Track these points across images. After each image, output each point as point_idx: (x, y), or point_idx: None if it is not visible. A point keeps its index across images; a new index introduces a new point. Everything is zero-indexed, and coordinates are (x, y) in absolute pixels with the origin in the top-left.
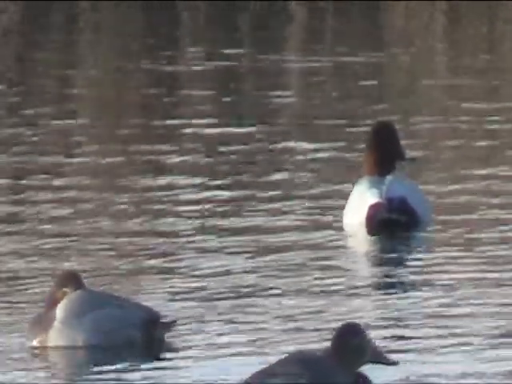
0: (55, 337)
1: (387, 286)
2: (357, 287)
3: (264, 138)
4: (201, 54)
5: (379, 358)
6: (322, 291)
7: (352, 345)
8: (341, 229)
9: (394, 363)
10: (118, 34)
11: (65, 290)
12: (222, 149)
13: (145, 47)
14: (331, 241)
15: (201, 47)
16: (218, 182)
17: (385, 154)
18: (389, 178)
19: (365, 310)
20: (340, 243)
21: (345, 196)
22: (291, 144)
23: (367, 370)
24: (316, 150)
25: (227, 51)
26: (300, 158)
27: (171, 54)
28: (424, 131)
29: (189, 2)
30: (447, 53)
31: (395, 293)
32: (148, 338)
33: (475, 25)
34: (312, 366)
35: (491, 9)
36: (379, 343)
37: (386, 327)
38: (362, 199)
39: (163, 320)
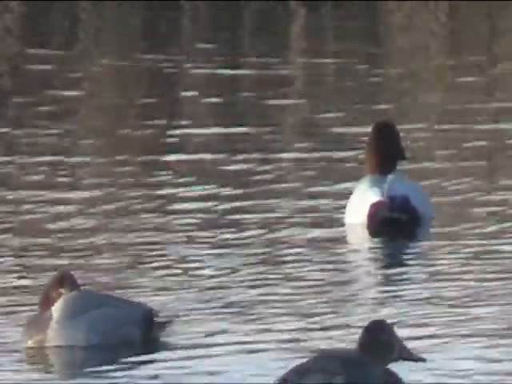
0: (53, 337)
1: (390, 285)
2: (359, 286)
3: (266, 139)
4: (202, 56)
5: (406, 355)
6: (323, 291)
7: (381, 341)
8: (342, 228)
9: (422, 360)
10: (120, 33)
11: (60, 290)
12: (223, 151)
13: (146, 48)
14: (333, 240)
15: (202, 48)
16: (220, 182)
17: (386, 152)
18: (390, 176)
19: (368, 311)
20: (341, 242)
21: (346, 196)
22: (292, 145)
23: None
24: (318, 151)
25: (228, 53)
26: (301, 158)
27: (173, 56)
28: (424, 132)
29: (192, 2)
30: (448, 53)
31: (398, 291)
32: (146, 336)
33: (475, 24)
34: (349, 364)
35: (491, 8)
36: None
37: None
38: (363, 198)
39: (159, 319)
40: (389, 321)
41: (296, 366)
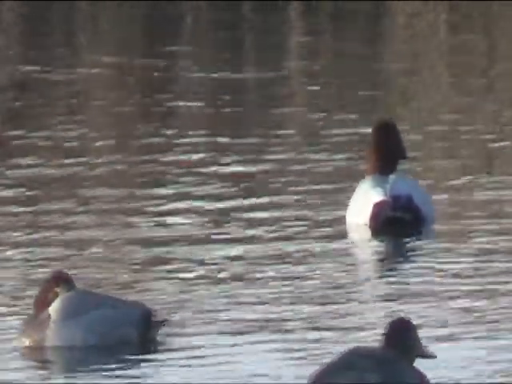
0: (51, 337)
1: (395, 285)
2: (364, 286)
3: (266, 145)
4: (202, 58)
5: (422, 352)
6: (328, 292)
7: (407, 340)
8: (345, 228)
9: (433, 356)
10: (119, 34)
11: (57, 290)
12: (223, 157)
13: (146, 50)
14: (336, 241)
15: (201, 50)
16: (221, 190)
17: (387, 152)
18: (392, 176)
19: (372, 312)
20: (345, 243)
21: (348, 197)
22: (294, 149)
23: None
24: (318, 154)
25: (229, 56)
26: (302, 160)
27: (172, 58)
28: (424, 135)
29: (192, 2)
30: (448, 55)
31: (403, 291)
32: (144, 336)
33: (476, 25)
34: (382, 361)
35: (491, 8)
36: None
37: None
38: (366, 198)
39: (155, 319)
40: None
41: (327, 365)
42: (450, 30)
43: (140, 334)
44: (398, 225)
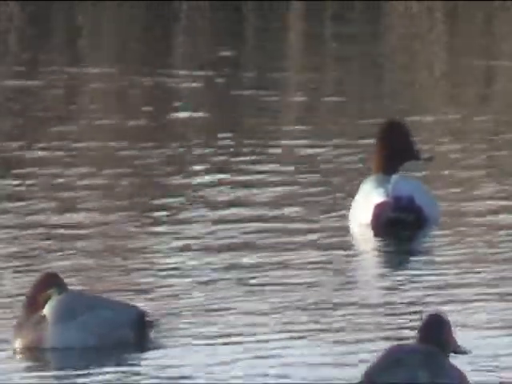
0: (49, 339)
1: (397, 286)
2: (367, 287)
3: (267, 145)
4: (202, 62)
5: (456, 348)
6: (331, 294)
7: (442, 335)
8: (347, 230)
9: (467, 352)
10: (119, 35)
11: (48, 292)
12: (223, 159)
13: (144, 53)
14: (337, 242)
15: (200, 52)
16: (220, 199)
17: (391, 152)
18: (394, 176)
19: (377, 313)
20: (347, 244)
21: (351, 197)
22: (295, 149)
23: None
24: (320, 154)
25: (228, 56)
26: (303, 160)
27: (171, 61)
28: (426, 137)
29: (192, 2)
30: (449, 55)
31: (405, 292)
32: (140, 337)
33: (474, 25)
34: (430, 357)
35: (490, 9)
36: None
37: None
38: (367, 199)
39: (149, 319)
40: (400, 321)
41: (374, 363)
42: (449, 31)
43: (136, 335)
44: (400, 226)
